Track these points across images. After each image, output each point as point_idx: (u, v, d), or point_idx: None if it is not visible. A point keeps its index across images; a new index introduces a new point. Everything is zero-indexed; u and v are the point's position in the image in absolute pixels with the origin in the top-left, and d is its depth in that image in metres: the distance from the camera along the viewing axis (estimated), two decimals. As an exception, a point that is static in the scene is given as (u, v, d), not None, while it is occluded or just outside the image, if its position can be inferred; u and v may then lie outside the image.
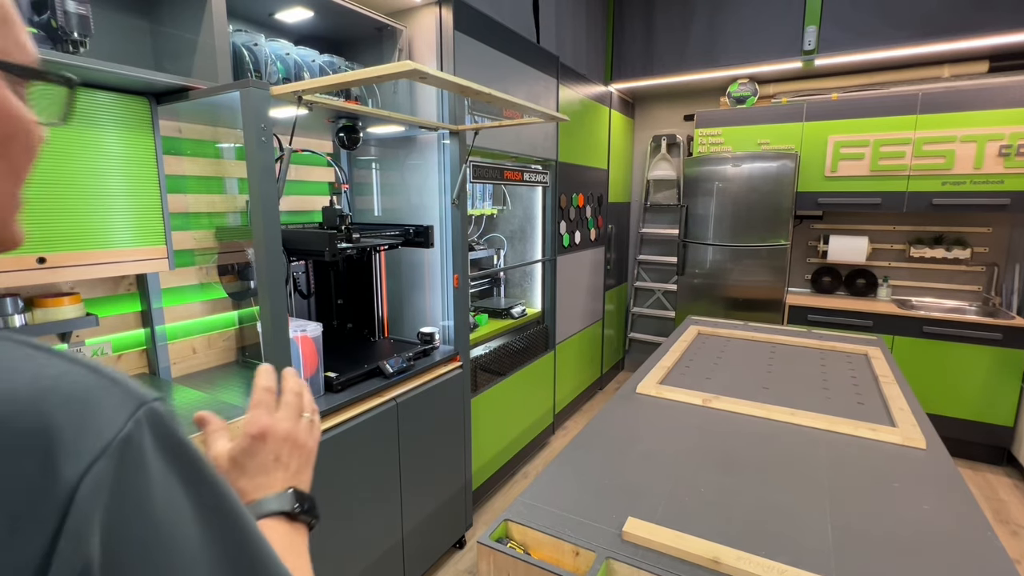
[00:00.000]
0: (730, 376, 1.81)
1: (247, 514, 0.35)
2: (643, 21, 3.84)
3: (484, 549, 0.94)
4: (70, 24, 1.24)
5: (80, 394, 0.27)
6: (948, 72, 3.19)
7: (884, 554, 0.90)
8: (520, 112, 1.59)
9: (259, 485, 0.51)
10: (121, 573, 0.26)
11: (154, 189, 1.50)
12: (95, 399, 0.27)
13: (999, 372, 2.89)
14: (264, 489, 0.51)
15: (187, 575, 0.29)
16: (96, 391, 0.28)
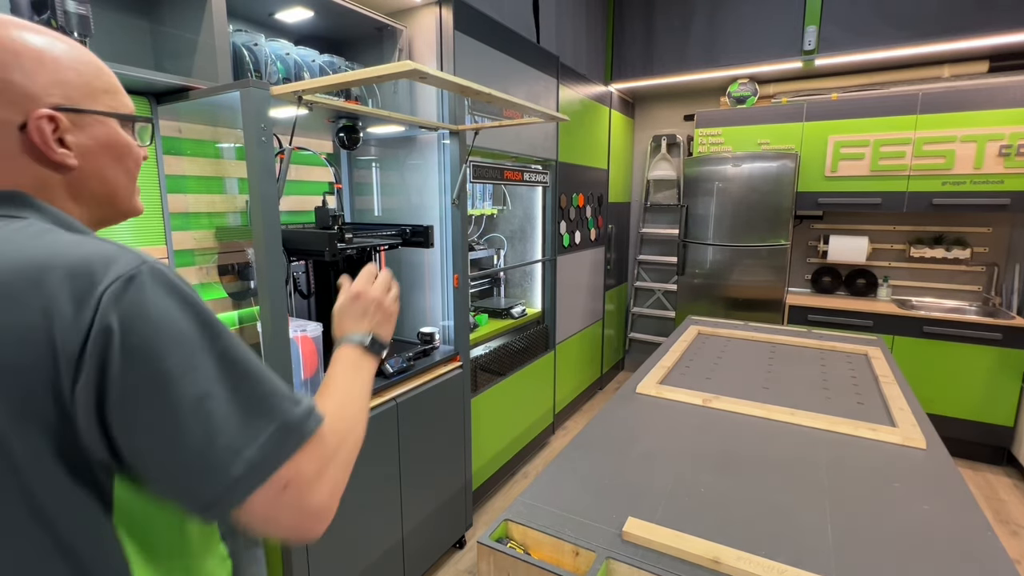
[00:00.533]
0: (730, 376, 1.81)
1: (233, 335, 0.52)
2: (643, 21, 3.84)
3: (484, 549, 0.94)
4: (70, 24, 1.24)
5: (110, 254, 0.48)
6: (948, 72, 3.19)
7: (884, 554, 0.90)
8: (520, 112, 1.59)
9: (350, 327, 0.78)
10: (133, 345, 0.46)
11: (154, 189, 1.50)
12: (117, 256, 0.48)
13: (999, 372, 2.89)
14: (353, 330, 0.77)
15: (184, 350, 0.48)
16: (118, 253, 0.49)
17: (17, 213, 0.52)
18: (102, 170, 0.58)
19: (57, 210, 0.55)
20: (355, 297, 0.80)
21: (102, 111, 0.57)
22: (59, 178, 0.55)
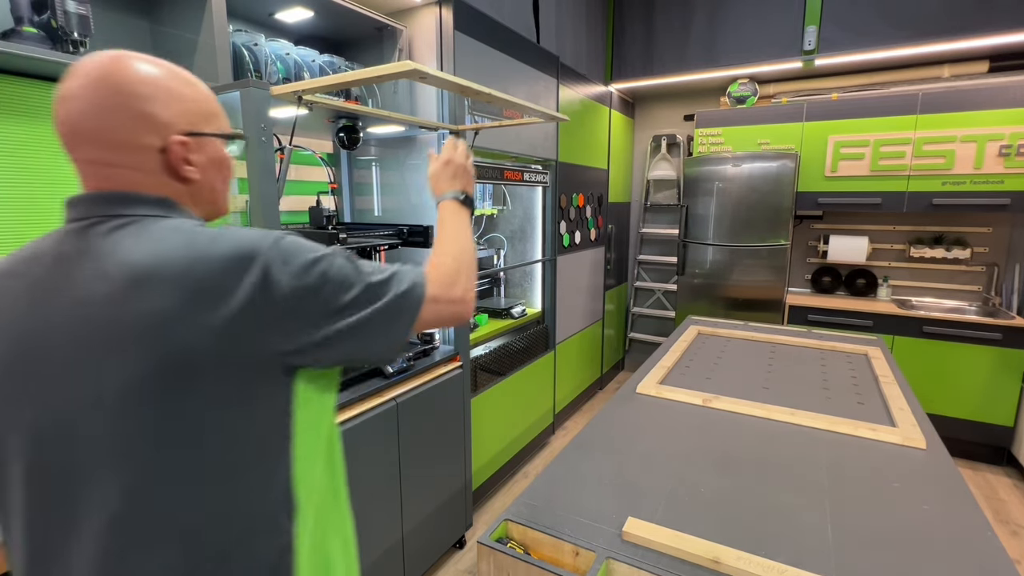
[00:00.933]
0: (730, 376, 1.81)
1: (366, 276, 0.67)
2: (643, 21, 3.84)
3: (484, 549, 0.94)
4: (70, 24, 1.24)
5: (263, 233, 0.62)
6: (948, 72, 3.19)
7: (884, 554, 0.90)
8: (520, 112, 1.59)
9: (445, 187, 0.98)
10: (287, 277, 0.60)
11: (154, 189, 1.50)
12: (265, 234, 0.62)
13: (999, 372, 2.89)
14: (448, 187, 0.98)
15: (320, 254, 0.64)
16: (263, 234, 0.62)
17: (167, 213, 0.64)
18: (212, 181, 0.70)
19: (190, 212, 0.68)
20: (446, 163, 1.00)
21: (214, 133, 0.69)
22: (184, 189, 0.66)
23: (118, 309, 0.56)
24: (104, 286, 0.56)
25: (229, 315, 0.56)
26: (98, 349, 0.56)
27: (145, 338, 0.55)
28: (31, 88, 1.23)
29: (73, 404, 0.57)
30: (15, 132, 1.22)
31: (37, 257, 0.61)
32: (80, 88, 0.60)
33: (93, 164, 0.63)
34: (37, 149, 1.25)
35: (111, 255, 0.58)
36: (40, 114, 1.25)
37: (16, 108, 1.21)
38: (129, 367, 0.55)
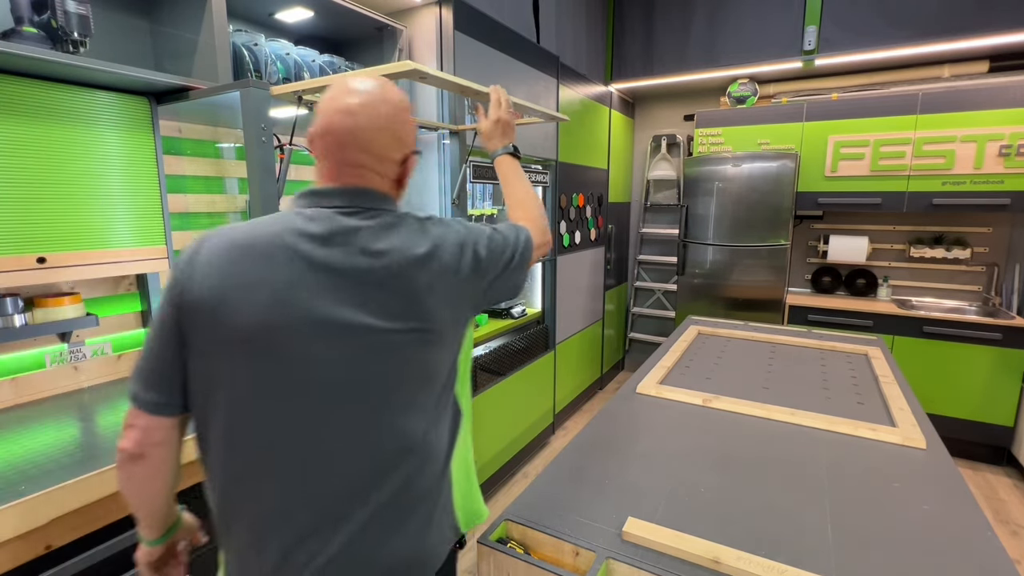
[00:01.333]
0: (730, 376, 1.81)
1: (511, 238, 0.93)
2: (643, 21, 3.84)
3: (484, 549, 0.94)
4: (70, 24, 1.24)
5: (456, 224, 0.89)
6: (948, 72, 3.19)
7: (884, 554, 0.90)
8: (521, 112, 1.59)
9: (498, 143, 1.15)
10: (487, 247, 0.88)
11: (154, 189, 1.50)
12: (463, 224, 0.89)
13: (999, 372, 2.89)
14: (500, 143, 1.15)
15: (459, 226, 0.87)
16: (470, 228, 0.88)
17: (393, 208, 0.83)
18: (406, 188, 0.89)
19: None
20: (496, 121, 1.16)
21: (418, 150, 0.89)
22: (398, 192, 0.86)
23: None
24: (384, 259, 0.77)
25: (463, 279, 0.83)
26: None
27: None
28: (31, 88, 1.23)
29: None
30: (15, 132, 1.21)
31: (323, 227, 0.76)
32: (360, 107, 0.78)
33: (354, 166, 0.80)
34: (37, 149, 1.25)
35: (384, 239, 0.77)
36: (40, 114, 1.25)
37: (16, 108, 1.21)
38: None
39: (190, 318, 0.73)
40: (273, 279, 0.72)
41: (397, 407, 0.77)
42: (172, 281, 0.74)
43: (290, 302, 0.72)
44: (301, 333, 0.72)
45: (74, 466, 1.09)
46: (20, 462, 1.11)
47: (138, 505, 0.83)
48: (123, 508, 1.15)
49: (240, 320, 0.71)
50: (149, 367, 0.76)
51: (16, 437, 1.23)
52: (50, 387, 1.49)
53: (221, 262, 0.73)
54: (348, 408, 0.74)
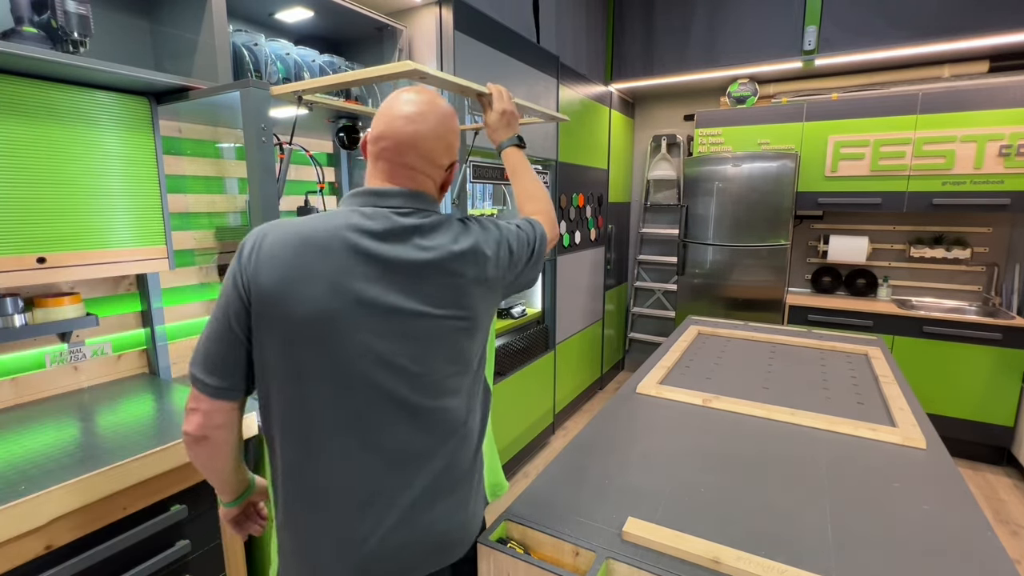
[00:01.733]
0: (730, 376, 1.81)
1: (529, 231, 1.02)
2: (643, 21, 3.84)
3: (484, 549, 0.94)
4: (70, 24, 1.24)
5: (489, 223, 0.97)
6: (948, 72, 3.19)
7: (884, 554, 0.90)
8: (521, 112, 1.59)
9: (504, 135, 1.17)
10: (510, 245, 0.96)
11: (154, 189, 1.50)
12: (494, 224, 0.98)
13: (999, 372, 2.89)
14: (506, 135, 1.17)
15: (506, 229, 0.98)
16: (503, 227, 0.99)
17: (439, 210, 0.90)
18: (446, 194, 0.97)
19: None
20: (502, 113, 1.17)
21: (459, 160, 0.95)
22: (439, 196, 0.93)
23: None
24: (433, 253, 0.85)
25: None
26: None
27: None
28: (31, 88, 1.23)
29: None
30: (16, 132, 1.21)
31: (380, 225, 0.82)
32: (420, 116, 0.85)
33: (409, 169, 0.87)
34: (37, 149, 1.25)
35: (434, 237, 0.85)
36: (40, 114, 1.25)
37: (16, 108, 1.21)
38: None
39: (256, 306, 0.77)
40: (331, 270, 0.77)
41: (442, 391, 0.85)
42: (237, 270, 0.79)
43: (345, 289, 0.77)
44: (354, 317, 0.78)
45: (74, 466, 1.09)
46: (20, 462, 1.11)
47: (208, 476, 0.92)
48: (123, 508, 1.15)
49: (302, 309, 0.76)
50: (212, 352, 0.80)
51: (16, 437, 1.23)
52: (50, 387, 1.49)
53: (286, 254, 0.77)
54: (397, 391, 0.81)
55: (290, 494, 0.83)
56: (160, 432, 1.27)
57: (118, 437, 1.23)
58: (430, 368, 0.83)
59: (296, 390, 0.79)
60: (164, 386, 1.60)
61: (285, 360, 0.78)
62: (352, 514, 0.80)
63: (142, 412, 1.39)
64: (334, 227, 0.80)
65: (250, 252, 0.78)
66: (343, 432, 0.79)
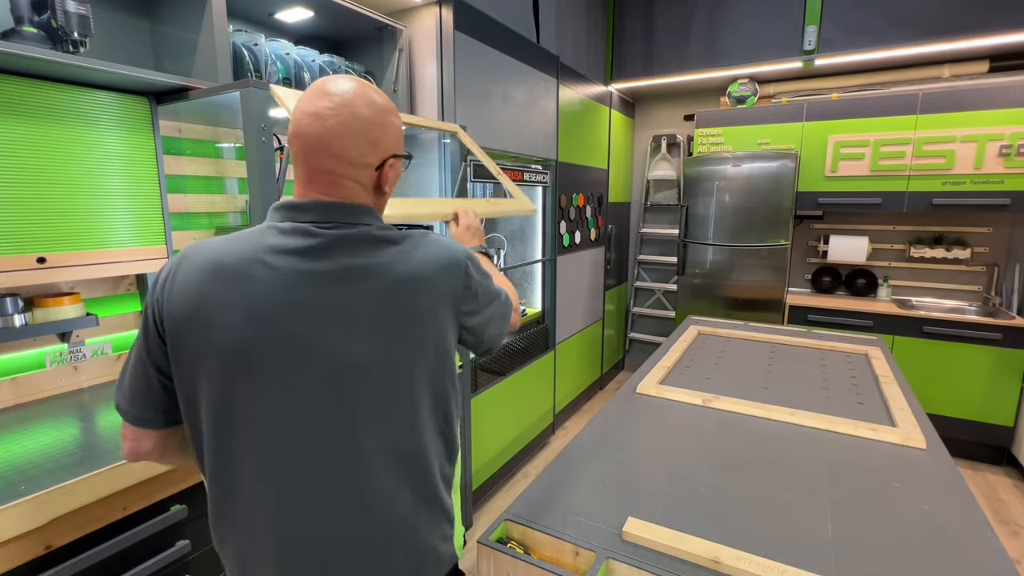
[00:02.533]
0: (730, 376, 1.81)
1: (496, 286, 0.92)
2: (643, 21, 3.84)
3: (484, 549, 0.94)
4: (70, 24, 1.24)
5: (452, 244, 0.85)
6: (948, 72, 3.19)
7: (884, 554, 0.90)
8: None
9: (468, 244, 1.24)
10: (473, 289, 0.85)
11: (154, 189, 1.50)
12: (458, 246, 0.86)
13: (999, 372, 2.89)
14: (472, 244, 1.25)
15: (492, 289, 0.90)
16: (456, 245, 0.86)
17: (372, 221, 0.79)
18: (389, 194, 0.85)
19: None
20: (467, 228, 1.28)
21: (403, 155, 0.84)
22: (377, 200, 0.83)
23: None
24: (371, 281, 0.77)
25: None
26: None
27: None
28: (31, 88, 1.23)
29: None
30: (16, 132, 1.21)
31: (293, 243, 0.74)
32: (331, 110, 0.74)
33: (325, 173, 0.76)
34: (37, 149, 1.25)
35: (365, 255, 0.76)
36: (40, 114, 1.25)
37: (16, 108, 1.21)
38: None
39: (170, 337, 0.73)
40: (246, 299, 0.70)
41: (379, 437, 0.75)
42: (152, 299, 0.74)
43: (265, 322, 0.70)
44: (278, 354, 0.71)
45: (74, 466, 1.09)
46: (20, 462, 1.11)
47: None
48: (123, 508, 1.15)
49: (215, 338, 0.70)
50: (133, 382, 0.77)
51: (16, 437, 1.23)
52: (50, 387, 1.49)
53: (196, 281, 0.72)
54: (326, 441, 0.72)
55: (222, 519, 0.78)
56: (160, 432, 1.27)
57: (118, 437, 1.23)
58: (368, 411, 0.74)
59: (214, 422, 0.73)
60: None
61: (200, 390, 0.72)
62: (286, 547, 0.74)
63: (142, 412, 1.39)
64: (249, 251, 0.73)
65: (164, 281, 0.73)
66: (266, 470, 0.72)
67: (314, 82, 0.79)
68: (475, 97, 2.32)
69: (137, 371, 0.77)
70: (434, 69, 2.17)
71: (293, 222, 0.75)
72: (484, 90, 2.38)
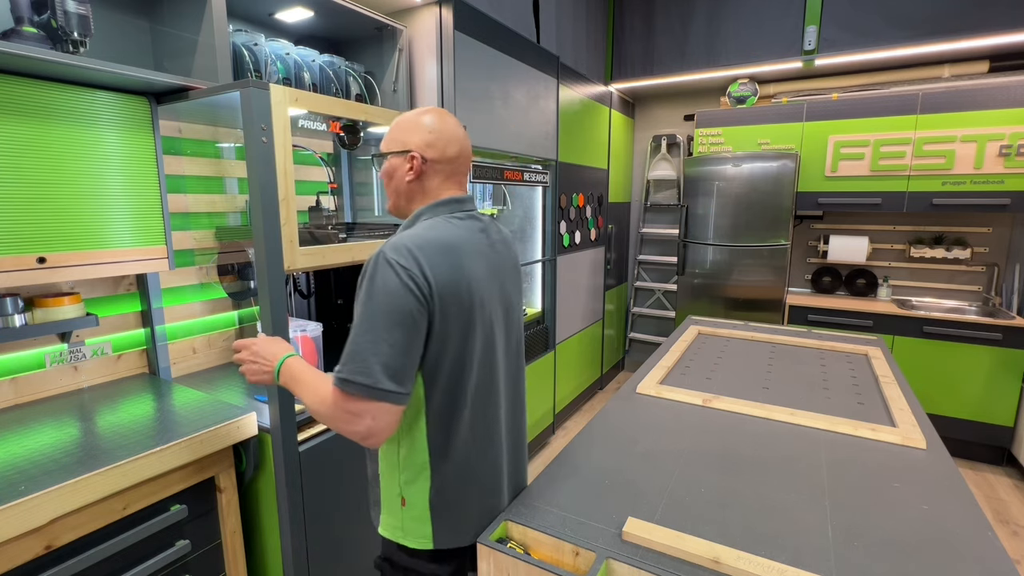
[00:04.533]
0: (730, 376, 1.81)
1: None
2: (643, 21, 3.84)
3: (484, 549, 0.94)
4: (70, 24, 1.24)
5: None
6: (948, 72, 3.19)
7: (884, 554, 0.90)
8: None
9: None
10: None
11: (154, 189, 1.50)
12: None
13: (999, 372, 2.89)
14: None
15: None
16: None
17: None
18: None
19: None
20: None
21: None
22: None
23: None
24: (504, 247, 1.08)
25: None
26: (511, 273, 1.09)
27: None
28: (31, 88, 1.23)
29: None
30: (16, 132, 1.21)
31: (473, 226, 1.02)
32: (465, 135, 1.04)
33: (463, 176, 1.06)
34: (37, 149, 1.25)
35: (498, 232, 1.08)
36: (40, 114, 1.25)
37: (16, 108, 1.21)
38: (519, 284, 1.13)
39: (439, 300, 0.90)
40: (475, 268, 0.96)
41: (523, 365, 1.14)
42: (412, 278, 0.88)
43: (488, 283, 0.98)
44: (492, 305, 1.00)
45: (74, 466, 1.09)
46: (20, 462, 1.11)
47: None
48: (123, 508, 1.15)
49: (465, 298, 0.93)
50: (399, 363, 0.87)
51: (16, 437, 1.23)
52: (50, 387, 1.50)
53: (441, 259, 0.91)
54: (513, 359, 1.08)
55: (446, 439, 0.98)
56: (160, 432, 1.27)
57: (118, 437, 1.23)
58: (523, 346, 1.14)
59: (453, 366, 0.94)
60: (164, 386, 1.60)
61: (448, 343, 0.92)
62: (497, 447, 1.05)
63: (142, 412, 1.39)
64: (463, 234, 0.98)
65: (413, 263, 0.88)
66: (484, 389, 1.00)
67: (435, 108, 1.03)
68: (475, 97, 2.32)
69: (407, 350, 0.88)
70: (434, 69, 2.17)
71: (463, 211, 1.03)
72: (484, 90, 2.38)
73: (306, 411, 1.43)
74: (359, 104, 1.61)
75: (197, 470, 1.30)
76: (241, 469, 1.43)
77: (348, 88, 2.03)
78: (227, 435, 1.33)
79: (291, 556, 1.42)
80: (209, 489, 1.35)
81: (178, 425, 1.31)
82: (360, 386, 0.84)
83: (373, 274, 0.88)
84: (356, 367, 0.85)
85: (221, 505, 1.38)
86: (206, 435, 1.28)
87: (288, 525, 1.40)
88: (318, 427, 1.49)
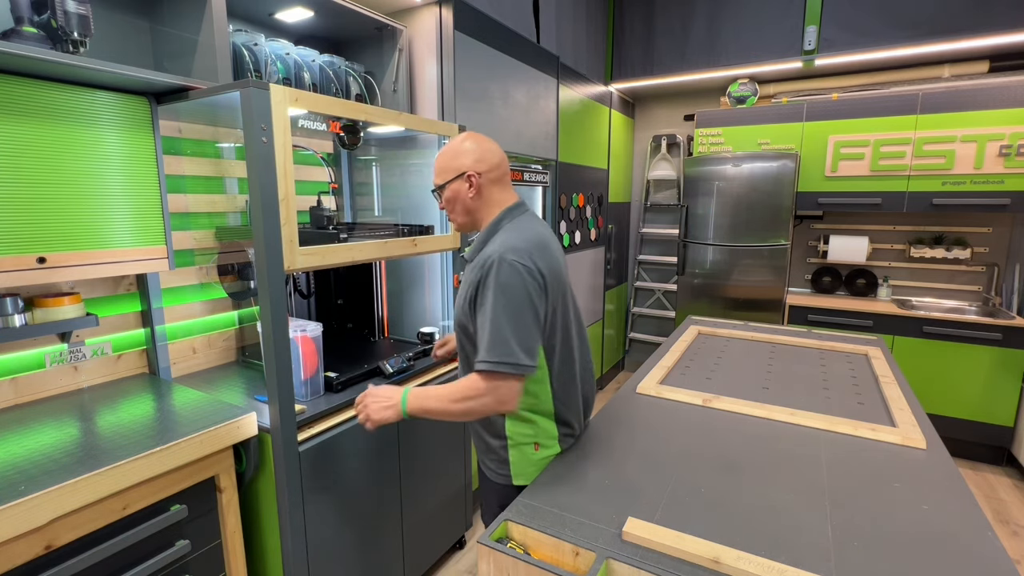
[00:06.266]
0: (730, 376, 1.81)
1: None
2: (643, 21, 3.84)
3: (484, 549, 0.94)
4: (70, 24, 1.24)
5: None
6: (948, 72, 3.19)
7: (884, 554, 0.90)
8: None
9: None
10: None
11: (154, 189, 1.50)
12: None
13: (999, 372, 2.89)
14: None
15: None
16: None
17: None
18: None
19: None
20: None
21: None
22: None
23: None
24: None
25: None
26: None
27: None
28: (31, 88, 1.23)
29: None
30: (16, 132, 1.21)
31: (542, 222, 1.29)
32: (496, 143, 1.26)
33: (509, 179, 1.28)
34: (37, 149, 1.25)
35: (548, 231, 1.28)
36: (40, 114, 1.25)
37: (16, 108, 1.21)
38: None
39: (551, 289, 1.15)
40: (558, 256, 1.22)
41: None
42: (532, 274, 1.10)
43: (564, 267, 1.24)
44: (568, 284, 1.25)
45: (74, 466, 1.09)
46: (20, 462, 1.11)
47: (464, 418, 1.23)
48: (123, 508, 1.15)
49: (560, 286, 1.19)
50: (531, 342, 1.10)
51: (16, 437, 1.23)
52: (50, 387, 1.50)
53: (544, 253, 1.16)
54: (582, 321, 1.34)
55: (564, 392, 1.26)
56: (160, 432, 1.27)
57: (118, 437, 1.23)
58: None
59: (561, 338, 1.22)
60: (164, 386, 1.60)
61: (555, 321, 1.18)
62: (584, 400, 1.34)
63: (142, 412, 1.39)
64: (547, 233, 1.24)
65: (530, 259, 1.11)
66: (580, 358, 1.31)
67: (464, 134, 1.26)
68: (475, 97, 2.32)
69: (535, 330, 1.11)
70: (434, 69, 2.17)
71: (528, 211, 1.27)
72: (484, 90, 2.38)
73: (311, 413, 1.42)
74: (359, 104, 1.61)
75: (197, 470, 1.30)
76: (241, 469, 1.43)
77: (348, 88, 2.03)
78: (227, 435, 1.33)
79: (291, 556, 1.42)
80: (209, 489, 1.35)
81: (178, 425, 1.31)
82: (509, 365, 1.06)
83: (498, 275, 1.08)
84: (503, 351, 1.06)
85: (221, 505, 1.38)
86: (206, 435, 1.28)
87: (288, 525, 1.40)
88: (318, 427, 1.49)
